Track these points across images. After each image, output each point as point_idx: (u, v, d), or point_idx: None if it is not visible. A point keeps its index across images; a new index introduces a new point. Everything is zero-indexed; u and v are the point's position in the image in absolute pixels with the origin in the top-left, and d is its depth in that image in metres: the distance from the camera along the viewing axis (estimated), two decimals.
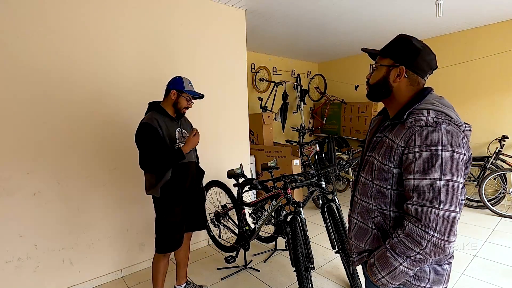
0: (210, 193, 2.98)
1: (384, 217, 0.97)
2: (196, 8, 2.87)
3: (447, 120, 0.86)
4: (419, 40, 0.96)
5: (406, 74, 0.95)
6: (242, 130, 3.43)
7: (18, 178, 2.04)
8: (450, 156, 0.83)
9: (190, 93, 1.95)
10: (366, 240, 1.02)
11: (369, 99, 1.07)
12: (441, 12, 3.10)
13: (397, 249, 0.87)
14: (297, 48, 5.09)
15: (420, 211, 0.83)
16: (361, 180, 1.06)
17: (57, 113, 2.17)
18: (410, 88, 0.97)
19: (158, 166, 1.83)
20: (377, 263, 0.92)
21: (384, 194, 0.96)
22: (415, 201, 0.85)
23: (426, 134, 0.85)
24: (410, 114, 0.91)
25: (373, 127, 1.12)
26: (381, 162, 0.95)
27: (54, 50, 2.12)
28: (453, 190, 0.83)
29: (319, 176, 2.34)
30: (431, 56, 0.95)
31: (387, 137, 0.96)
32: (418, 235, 0.83)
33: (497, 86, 4.08)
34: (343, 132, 5.73)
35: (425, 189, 0.83)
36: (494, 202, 3.81)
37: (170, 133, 1.91)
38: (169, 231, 1.93)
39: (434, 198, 0.82)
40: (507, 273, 2.40)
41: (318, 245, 3.01)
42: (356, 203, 1.08)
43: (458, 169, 0.84)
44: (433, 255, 0.84)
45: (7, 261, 2.02)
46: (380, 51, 1.01)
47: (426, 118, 0.87)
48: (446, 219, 0.81)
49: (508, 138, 3.90)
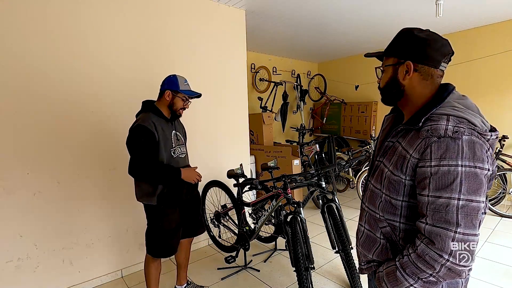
0: (210, 193, 2.98)
1: (393, 228, 0.89)
2: (196, 8, 2.87)
3: (469, 129, 0.75)
4: (423, 29, 0.87)
5: (416, 69, 0.85)
6: (242, 130, 3.43)
7: (18, 178, 2.04)
8: (472, 172, 0.73)
9: (186, 93, 1.81)
10: (374, 251, 0.95)
11: (385, 104, 0.98)
12: (441, 12, 3.10)
13: (407, 269, 0.80)
14: (297, 48, 5.09)
15: (434, 232, 0.75)
16: (370, 187, 0.97)
17: (57, 113, 2.17)
18: (424, 84, 0.86)
19: (150, 177, 1.72)
20: (386, 279, 0.86)
21: (394, 205, 0.88)
22: (429, 220, 0.76)
23: (444, 147, 0.74)
24: (426, 120, 0.80)
25: (386, 127, 1.03)
26: (392, 172, 0.86)
27: (54, 50, 2.12)
28: (473, 211, 0.73)
29: (319, 176, 2.34)
30: (441, 42, 0.84)
31: (400, 144, 0.87)
32: (431, 258, 0.75)
33: (497, 86, 4.08)
34: (343, 132, 5.74)
35: (441, 209, 0.74)
36: (494, 202, 3.81)
37: (166, 137, 1.80)
38: (164, 238, 1.86)
39: (451, 220, 0.73)
40: (507, 273, 2.40)
41: (318, 245, 3.01)
42: (363, 210, 1.02)
43: (480, 187, 0.73)
44: (447, 278, 0.78)
45: (7, 261, 2.02)
46: (385, 51, 0.94)
47: (445, 127, 0.75)
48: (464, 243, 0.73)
49: (508, 138, 3.90)
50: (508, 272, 2.42)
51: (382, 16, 3.61)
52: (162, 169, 1.74)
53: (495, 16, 3.76)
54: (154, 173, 1.71)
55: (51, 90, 2.13)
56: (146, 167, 1.69)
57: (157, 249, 1.88)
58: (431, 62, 0.84)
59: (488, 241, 2.99)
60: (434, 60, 0.84)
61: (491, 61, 4.10)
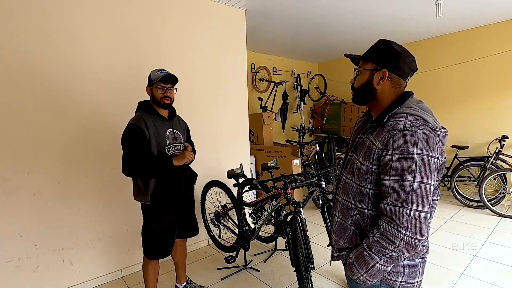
0: (210, 193, 2.98)
1: (362, 215, 1.02)
2: (196, 8, 2.87)
3: (423, 125, 0.90)
4: (398, 44, 1.01)
5: (389, 77, 0.99)
6: (242, 130, 3.43)
7: (18, 178, 2.04)
8: (424, 159, 0.87)
9: (159, 79, 1.77)
10: (345, 238, 1.07)
11: (354, 103, 1.12)
12: (441, 12, 3.10)
13: (373, 248, 0.92)
14: (297, 48, 5.09)
15: (393, 211, 0.88)
16: (343, 179, 1.10)
17: (57, 113, 2.17)
18: (392, 91, 1.01)
19: (141, 172, 1.73)
20: (356, 262, 0.97)
21: (363, 193, 1.00)
22: (389, 201, 0.89)
23: (403, 138, 0.89)
24: (390, 118, 0.95)
25: (357, 128, 1.17)
26: (361, 163, 0.99)
27: (54, 49, 2.13)
28: (425, 192, 0.87)
29: (319, 176, 2.34)
30: (411, 58, 0.99)
31: (368, 138, 1.01)
32: (391, 234, 0.87)
33: (497, 86, 4.08)
34: (343, 132, 5.73)
35: (399, 190, 0.88)
36: (494, 202, 3.81)
37: (159, 135, 1.80)
38: (159, 239, 1.85)
39: (407, 199, 0.86)
40: (507, 273, 2.40)
41: (318, 245, 3.01)
42: (337, 201, 1.13)
43: (431, 172, 0.88)
44: (405, 252, 0.89)
45: (7, 261, 2.02)
46: (363, 56, 1.05)
47: (404, 122, 0.91)
48: (417, 218, 0.86)
49: (508, 138, 3.90)
50: (508, 272, 2.42)
51: (382, 16, 3.61)
52: (152, 160, 1.74)
53: (495, 16, 3.76)
54: (145, 165, 1.71)
55: (51, 90, 2.13)
56: (136, 162, 1.70)
57: (151, 250, 1.88)
58: (402, 74, 0.99)
59: (488, 241, 2.99)
60: (404, 73, 0.99)
61: (491, 61, 4.10)
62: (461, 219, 3.60)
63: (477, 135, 4.27)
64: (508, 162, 3.81)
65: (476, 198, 4.00)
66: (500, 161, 3.86)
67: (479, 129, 4.25)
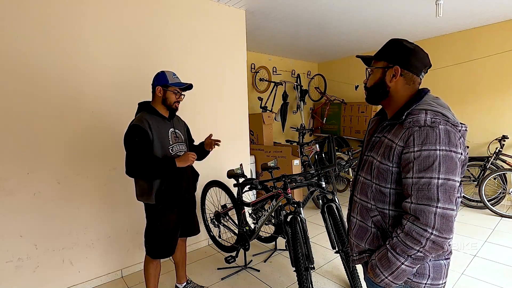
0: (210, 193, 2.98)
1: (383, 216, 0.99)
2: (196, 8, 2.87)
3: (444, 120, 0.88)
4: (410, 41, 1.00)
5: (402, 73, 0.97)
6: (242, 130, 3.43)
7: (18, 178, 2.04)
8: (448, 155, 0.85)
9: (176, 85, 1.83)
10: (366, 239, 1.03)
11: (368, 103, 1.11)
12: (441, 12, 3.10)
13: (397, 248, 0.89)
14: (297, 48, 5.09)
15: (418, 209, 0.85)
16: (360, 180, 1.07)
17: (57, 113, 2.17)
18: (406, 88, 0.99)
19: (145, 173, 1.74)
20: (379, 264, 0.94)
21: (384, 193, 0.97)
22: (413, 199, 0.86)
23: (424, 134, 0.87)
24: (408, 115, 0.93)
25: (372, 127, 1.14)
26: (380, 162, 0.97)
27: (55, 49, 2.12)
28: (450, 188, 0.84)
29: (319, 176, 2.34)
30: (424, 54, 0.98)
31: (386, 137, 0.98)
32: (417, 233, 0.84)
33: (497, 86, 4.08)
34: (343, 132, 5.73)
35: (423, 187, 0.85)
36: (494, 202, 3.81)
37: (162, 135, 1.81)
38: (163, 238, 1.86)
39: (432, 196, 0.84)
40: (507, 273, 2.40)
41: (318, 245, 3.01)
42: (355, 203, 1.10)
43: (455, 168, 0.85)
44: (432, 252, 0.86)
45: (7, 261, 2.02)
46: (375, 55, 1.05)
47: (424, 119, 0.89)
48: (444, 216, 0.83)
49: (508, 138, 3.90)
50: (508, 272, 2.42)
51: (382, 16, 3.61)
52: (156, 162, 1.74)
53: (495, 16, 3.76)
54: (149, 167, 1.72)
55: (51, 90, 2.13)
56: (140, 163, 1.70)
57: (154, 250, 1.89)
58: (415, 70, 0.98)
59: (488, 241, 2.99)
60: (417, 69, 0.98)
61: (491, 61, 4.10)
62: (461, 219, 3.60)
63: (477, 135, 4.26)
64: (508, 162, 3.81)
65: (476, 198, 3.99)
66: (500, 161, 3.86)
67: (479, 129, 4.25)
